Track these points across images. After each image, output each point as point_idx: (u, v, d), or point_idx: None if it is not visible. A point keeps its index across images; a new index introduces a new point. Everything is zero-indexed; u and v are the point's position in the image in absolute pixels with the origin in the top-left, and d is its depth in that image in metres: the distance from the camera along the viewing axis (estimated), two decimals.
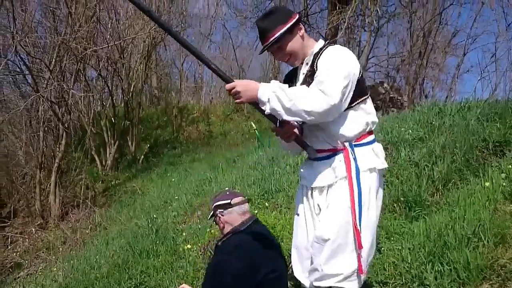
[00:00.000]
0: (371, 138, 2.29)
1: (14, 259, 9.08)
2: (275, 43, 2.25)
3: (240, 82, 2.14)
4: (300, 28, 2.28)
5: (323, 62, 2.18)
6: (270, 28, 2.22)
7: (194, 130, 16.71)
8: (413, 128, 5.99)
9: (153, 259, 5.42)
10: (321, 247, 2.14)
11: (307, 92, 2.08)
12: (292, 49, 2.27)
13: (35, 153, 12.02)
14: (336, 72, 2.09)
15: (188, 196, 7.53)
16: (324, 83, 2.07)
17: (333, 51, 2.21)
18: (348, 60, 2.17)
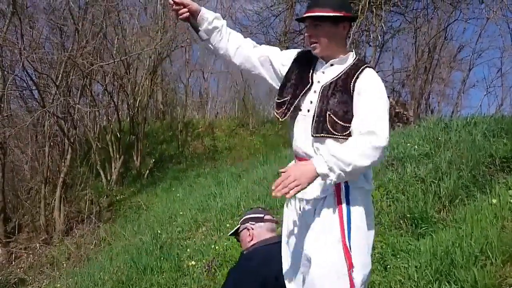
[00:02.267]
0: None
1: (18, 275, 9.05)
2: (316, 19, 2.13)
3: (292, 169, 1.99)
4: (346, 27, 2.16)
5: (365, 91, 2.06)
6: (321, 4, 2.11)
7: (199, 145, 16.72)
8: (419, 144, 5.96)
9: (157, 276, 5.39)
10: (308, 267, 2.09)
11: (360, 149, 1.96)
12: (325, 37, 2.13)
13: (40, 168, 12.07)
14: (383, 111, 2.02)
15: (193, 211, 7.51)
16: (377, 126, 1.98)
17: (374, 81, 2.10)
18: (386, 95, 2.10)
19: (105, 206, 11.92)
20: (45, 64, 11.61)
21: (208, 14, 2.25)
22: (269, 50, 2.36)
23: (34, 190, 12.94)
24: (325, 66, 2.19)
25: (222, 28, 2.29)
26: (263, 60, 2.33)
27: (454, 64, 19.08)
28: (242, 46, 2.32)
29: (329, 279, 2.02)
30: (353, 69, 2.12)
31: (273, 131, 17.02)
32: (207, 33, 2.27)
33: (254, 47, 2.35)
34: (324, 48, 2.15)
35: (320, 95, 2.13)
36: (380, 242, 4.04)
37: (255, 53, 2.33)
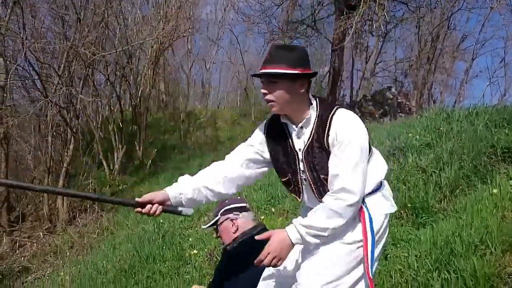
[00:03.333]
0: (379, 184, 2.14)
1: (22, 263, 9.13)
2: (271, 76, 2.00)
3: (270, 248, 1.96)
4: (303, 84, 2.01)
5: (335, 145, 1.98)
6: (278, 61, 1.99)
7: (201, 135, 16.75)
8: (421, 134, 5.97)
9: (159, 264, 5.43)
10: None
11: (333, 211, 1.94)
12: (280, 96, 2.00)
13: (43, 158, 12.12)
14: (355, 162, 1.93)
15: None
16: (345, 181, 1.93)
17: (342, 129, 1.97)
18: (360, 135, 1.97)
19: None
20: (47, 54, 11.62)
21: (175, 190, 2.14)
22: (242, 153, 2.23)
23: (37, 179, 13.00)
24: (297, 132, 2.09)
25: (196, 186, 2.16)
26: (247, 164, 2.21)
27: (457, 54, 19.01)
28: (226, 175, 2.18)
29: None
30: (320, 126, 2.02)
31: None
32: (189, 204, 2.16)
33: (229, 164, 2.21)
34: (281, 107, 2.03)
35: (306, 163, 2.08)
36: None
37: (238, 167, 2.20)
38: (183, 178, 2.20)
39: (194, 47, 22.37)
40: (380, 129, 7.24)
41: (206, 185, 2.15)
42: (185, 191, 2.13)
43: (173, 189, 2.14)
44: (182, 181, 2.17)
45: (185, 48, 20.49)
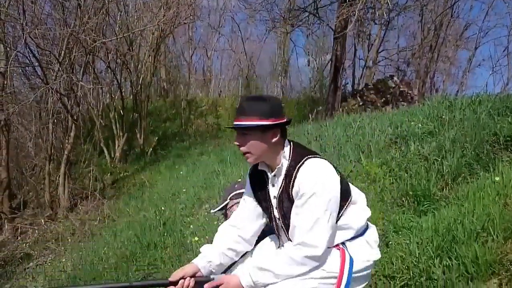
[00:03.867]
0: (363, 228, 2.14)
1: (23, 250, 9.16)
2: (241, 129, 2.03)
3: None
4: (275, 133, 2.02)
5: (299, 198, 1.99)
6: (248, 113, 2.00)
7: (202, 123, 16.72)
8: (423, 122, 5.94)
9: (160, 251, 5.44)
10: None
11: (293, 259, 1.96)
12: (253, 147, 2.02)
13: (44, 145, 12.11)
14: (317, 216, 1.93)
15: (196, 189, 7.54)
16: (305, 236, 1.94)
17: (306, 182, 1.97)
18: (325, 187, 1.96)
19: (109, 183, 12.00)
20: (48, 40, 11.54)
21: (203, 260, 2.18)
22: (244, 210, 2.28)
23: (39, 167, 13.03)
24: (271, 179, 2.13)
25: (221, 251, 2.21)
26: (253, 218, 2.27)
27: (460, 43, 18.90)
28: (239, 234, 2.24)
29: None
30: (288, 177, 2.04)
31: None
32: (218, 269, 2.22)
33: (239, 224, 2.27)
34: (255, 157, 2.06)
35: (278, 210, 2.12)
36: (382, 220, 4.06)
37: (247, 224, 2.26)
38: (205, 247, 2.25)
39: (195, 35, 22.28)
40: (382, 117, 7.20)
41: (229, 247, 2.21)
42: (212, 258, 2.17)
43: (201, 259, 2.17)
44: (205, 250, 2.22)
45: (186, 35, 20.39)
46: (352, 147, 5.89)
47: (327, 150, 6.22)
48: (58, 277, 6.19)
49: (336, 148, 6.15)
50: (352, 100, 14.29)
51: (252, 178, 2.25)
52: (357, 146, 5.85)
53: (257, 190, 2.22)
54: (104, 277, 5.14)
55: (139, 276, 4.93)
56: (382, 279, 3.03)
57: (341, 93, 14.34)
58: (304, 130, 8.38)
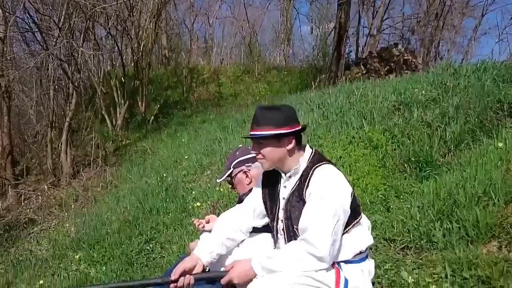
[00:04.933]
0: (361, 256, 2.15)
1: (27, 215, 9.27)
2: (257, 139, 2.12)
3: (234, 273, 2.07)
4: (291, 141, 2.12)
5: (310, 197, 2.04)
6: (262, 123, 2.09)
7: (204, 91, 16.62)
8: (427, 89, 5.89)
9: (163, 216, 5.50)
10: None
11: (294, 255, 1.99)
12: (269, 155, 2.12)
13: (45, 112, 12.08)
14: (324, 219, 1.96)
15: (198, 155, 7.55)
16: (310, 234, 1.96)
17: (320, 184, 2.03)
18: (337, 193, 2.01)
19: (111, 150, 12.02)
20: (47, 5, 11.34)
21: (205, 251, 2.22)
22: (250, 205, 2.35)
23: (40, 134, 13.04)
24: (284, 180, 2.19)
25: (220, 241, 2.26)
26: (256, 216, 2.34)
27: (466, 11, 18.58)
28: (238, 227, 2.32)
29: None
30: (304, 176, 2.10)
31: (278, 77, 16.85)
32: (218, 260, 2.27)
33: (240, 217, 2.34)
34: (270, 163, 2.15)
35: (284, 212, 2.16)
36: (383, 185, 4.08)
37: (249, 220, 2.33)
38: (205, 236, 2.33)
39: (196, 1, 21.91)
40: (386, 84, 7.14)
41: (229, 237, 2.28)
42: (213, 248, 2.23)
43: (202, 250, 2.21)
44: (205, 240, 2.27)
45: (188, 1, 20.03)
46: (355, 114, 5.86)
47: (330, 117, 6.20)
48: (62, 241, 6.27)
49: (339, 115, 6.13)
50: (355, 68, 14.16)
51: (265, 176, 2.31)
52: (360, 113, 5.82)
53: (267, 189, 2.28)
54: (108, 241, 5.20)
55: (142, 240, 4.98)
56: (383, 242, 3.05)
57: (344, 61, 14.20)
58: (306, 98, 8.33)
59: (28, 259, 6.09)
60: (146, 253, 4.66)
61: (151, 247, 4.77)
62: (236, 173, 2.72)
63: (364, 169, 4.36)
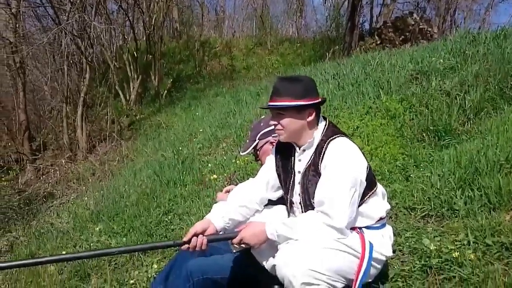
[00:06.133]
0: (382, 222, 2.17)
1: (47, 189, 9.44)
2: (278, 109, 2.11)
3: (246, 232, 2.10)
4: (311, 114, 2.11)
5: (325, 170, 2.04)
6: (283, 93, 2.08)
7: (216, 64, 16.53)
8: (445, 58, 5.78)
9: (180, 188, 5.52)
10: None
11: (312, 224, 1.98)
12: (288, 126, 2.11)
13: (60, 88, 12.16)
14: (340, 190, 1.96)
15: (212, 128, 7.56)
16: (328, 206, 1.96)
17: (334, 156, 2.03)
18: (352, 165, 2.01)
19: (126, 125, 12.10)
20: None
21: (216, 214, 2.24)
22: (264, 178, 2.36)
23: (56, 110, 13.15)
24: (299, 154, 2.19)
25: (233, 207, 2.29)
26: (270, 189, 2.36)
27: None
28: (252, 199, 2.34)
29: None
30: (318, 150, 2.10)
31: (291, 49, 16.66)
32: (231, 225, 2.27)
33: (254, 189, 2.35)
34: (288, 135, 2.14)
35: (301, 186, 2.15)
36: (401, 154, 4.04)
37: (262, 192, 2.35)
38: (219, 204, 2.36)
39: None
40: (402, 53, 7.02)
41: (243, 204, 2.30)
42: (225, 213, 2.25)
43: (214, 214, 2.24)
44: (218, 206, 2.31)
45: None
46: (371, 83, 5.78)
47: (346, 87, 6.13)
48: (82, 214, 6.37)
49: (355, 85, 6.05)
50: (369, 39, 13.93)
51: (278, 149, 2.31)
52: (376, 82, 5.74)
53: (281, 162, 2.28)
54: (127, 213, 5.26)
55: (160, 212, 5.04)
56: (403, 211, 3.04)
57: (358, 32, 13.98)
58: (321, 69, 8.24)
59: (49, 231, 6.20)
60: (165, 225, 4.71)
61: (169, 219, 4.81)
62: (261, 145, 2.71)
63: (382, 139, 4.32)
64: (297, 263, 1.88)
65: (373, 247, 2.04)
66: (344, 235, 1.96)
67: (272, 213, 2.35)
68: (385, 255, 2.12)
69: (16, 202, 8.73)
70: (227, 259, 2.55)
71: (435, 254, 2.38)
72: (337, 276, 1.95)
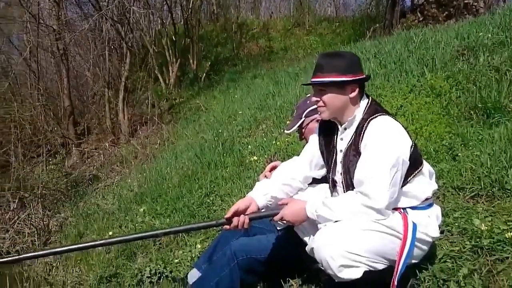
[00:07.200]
0: (428, 202, 2.10)
1: (92, 172, 9.74)
2: (321, 85, 2.07)
3: (287, 210, 2.12)
4: (354, 90, 2.06)
5: (365, 150, 1.99)
6: (325, 69, 2.05)
7: (254, 46, 16.46)
8: (493, 32, 5.51)
9: (221, 170, 5.57)
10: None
11: (351, 205, 1.94)
12: (331, 102, 2.07)
13: (101, 73, 12.43)
14: (380, 170, 1.91)
15: (252, 110, 7.55)
16: (367, 186, 1.91)
17: (374, 135, 1.98)
18: (394, 144, 1.94)
19: (166, 108, 12.28)
20: None
21: (259, 192, 2.26)
22: (307, 157, 2.34)
23: (98, 95, 13.49)
24: (341, 132, 2.16)
25: (276, 185, 2.29)
26: (314, 167, 2.34)
27: None
28: (294, 177, 2.33)
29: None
30: (359, 128, 2.05)
31: (330, 29, 16.37)
32: (274, 202, 2.27)
33: (298, 168, 2.35)
34: (330, 112, 2.11)
35: (342, 165, 2.12)
36: (448, 133, 3.91)
37: (306, 171, 2.34)
38: (262, 182, 2.36)
39: None
40: (447, 29, 6.76)
41: (285, 183, 2.29)
42: (268, 190, 2.26)
43: (256, 192, 2.27)
44: (261, 184, 2.32)
45: None
46: (415, 61, 5.61)
47: (388, 66, 5.97)
48: (126, 196, 6.54)
49: (397, 63, 5.88)
50: (411, 16, 13.49)
51: (321, 127, 2.28)
52: (420, 60, 5.56)
53: (324, 141, 2.25)
54: (170, 195, 5.36)
55: (202, 193, 5.10)
56: (451, 191, 2.95)
57: (399, 8, 13.54)
58: (361, 48, 8.05)
59: (96, 212, 6.42)
60: (207, 206, 4.77)
61: (211, 200, 4.87)
62: (307, 123, 2.70)
63: (427, 117, 4.19)
64: (334, 245, 1.86)
65: (416, 228, 1.98)
66: (384, 216, 1.92)
67: (316, 192, 2.33)
68: (432, 236, 2.06)
69: (64, 184, 9.05)
70: (271, 239, 2.56)
71: (486, 234, 2.30)
72: (378, 257, 1.92)
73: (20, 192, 7.93)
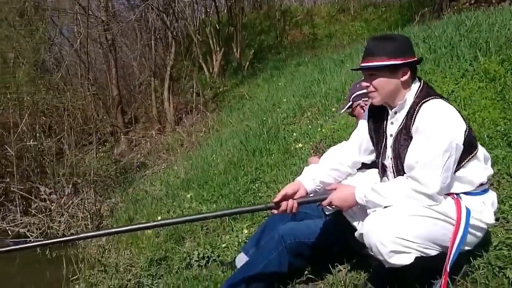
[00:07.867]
0: (483, 188, 2.03)
1: (139, 160, 10.02)
2: (371, 69, 2.03)
3: (335, 195, 2.12)
4: (406, 73, 2.01)
5: (417, 134, 1.95)
6: (376, 53, 2.00)
7: (298, 34, 16.31)
8: None
9: (266, 157, 5.59)
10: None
11: (401, 191, 1.90)
12: (382, 87, 2.03)
13: (147, 63, 12.71)
14: (432, 155, 1.86)
15: (296, 98, 7.52)
16: (419, 171, 1.87)
17: (426, 119, 1.92)
18: (447, 128, 1.88)
19: (210, 97, 12.41)
20: None
21: (307, 177, 2.26)
22: (356, 141, 2.32)
23: (144, 84, 13.79)
24: (391, 116, 2.11)
25: (324, 170, 2.28)
26: (363, 152, 2.31)
27: None
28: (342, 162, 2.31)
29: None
30: (411, 112, 2.00)
31: (376, 14, 15.98)
32: (322, 187, 2.27)
33: (346, 153, 2.32)
34: (382, 97, 2.06)
35: (393, 150, 2.08)
36: (503, 119, 3.76)
37: (355, 156, 2.31)
38: (309, 167, 2.34)
39: None
40: (502, 11, 6.46)
41: (333, 167, 2.28)
42: (316, 175, 2.25)
43: (305, 176, 2.26)
44: (309, 168, 2.31)
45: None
46: (467, 45, 5.39)
47: (438, 50, 5.77)
48: (174, 182, 6.68)
49: (448, 48, 5.68)
50: None
51: (370, 111, 2.25)
52: (472, 44, 5.34)
53: (373, 125, 2.22)
54: (216, 181, 5.43)
55: (247, 180, 5.13)
56: (506, 177, 2.84)
57: None
58: (409, 33, 7.82)
59: (144, 198, 6.60)
60: (253, 192, 4.80)
61: (257, 187, 4.90)
62: (354, 107, 2.74)
63: (480, 103, 4.04)
64: (384, 230, 1.83)
65: (470, 214, 1.92)
66: (436, 201, 1.88)
67: (365, 177, 2.31)
68: (486, 223, 2.00)
69: (113, 171, 9.35)
70: (319, 224, 2.55)
71: None
72: (429, 243, 1.88)
73: (74, 178, 8.26)
